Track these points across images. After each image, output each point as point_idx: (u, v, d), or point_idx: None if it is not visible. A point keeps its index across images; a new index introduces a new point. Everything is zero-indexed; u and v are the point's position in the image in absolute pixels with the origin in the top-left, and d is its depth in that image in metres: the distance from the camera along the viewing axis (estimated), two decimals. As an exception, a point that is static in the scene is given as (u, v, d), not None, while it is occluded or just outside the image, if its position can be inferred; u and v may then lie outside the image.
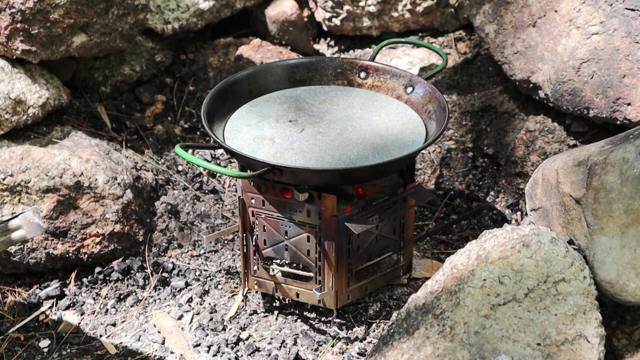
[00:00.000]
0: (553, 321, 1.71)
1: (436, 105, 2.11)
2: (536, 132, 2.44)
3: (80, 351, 2.11)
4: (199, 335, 2.11)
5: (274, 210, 2.04)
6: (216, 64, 2.73)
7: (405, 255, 2.17)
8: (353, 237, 2.04)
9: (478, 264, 1.78)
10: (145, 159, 2.52)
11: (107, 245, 2.24)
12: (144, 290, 2.25)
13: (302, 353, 2.06)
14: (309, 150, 2.01)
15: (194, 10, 2.73)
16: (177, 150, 1.92)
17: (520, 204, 2.44)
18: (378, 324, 2.13)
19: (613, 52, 2.21)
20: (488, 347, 1.69)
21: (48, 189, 2.19)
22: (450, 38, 2.77)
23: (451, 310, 1.73)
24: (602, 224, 1.78)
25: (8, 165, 2.20)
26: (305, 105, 2.16)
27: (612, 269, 1.74)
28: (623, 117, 2.22)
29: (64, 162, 2.23)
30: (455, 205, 2.48)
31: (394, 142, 2.04)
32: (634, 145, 1.79)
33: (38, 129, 2.42)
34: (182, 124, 2.65)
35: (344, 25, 2.82)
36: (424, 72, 2.67)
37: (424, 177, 2.54)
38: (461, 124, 2.60)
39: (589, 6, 2.26)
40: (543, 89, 2.38)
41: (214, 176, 2.55)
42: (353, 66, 2.25)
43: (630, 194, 1.75)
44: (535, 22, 2.38)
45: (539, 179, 2.02)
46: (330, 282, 2.05)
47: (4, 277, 2.27)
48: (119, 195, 2.24)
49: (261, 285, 2.14)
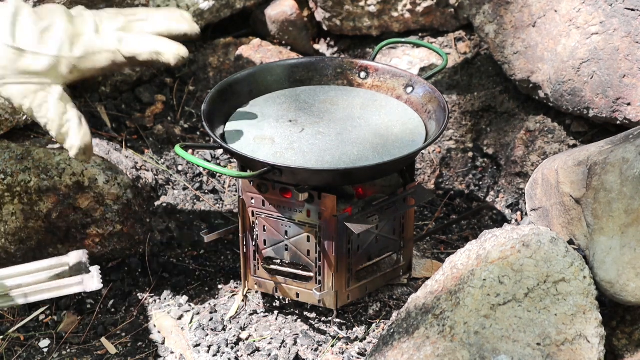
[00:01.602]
0: (553, 321, 1.71)
1: (436, 105, 2.11)
2: (536, 132, 2.44)
3: (80, 351, 2.11)
4: (199, 335, 2.11)
5: (274, 210, 2.04)
6: (216, 64, 2.73)
7: (405, 255, 2.17)
8: (353, 237, 2.04)
9: (478, 264, 1.78)
10: (145, 159, 2.52)
11: (107, 245, 2.24)
12: (144, 290, 2.25)
13: (302, 353, 2.07)
14: (309, 150, 2.01)
15: (194, 10, 2.73)
16: (177, 151, 1.92)
17: (520, 204, 2.44)
18: (378, 324, 2.13)
19: (613, 52, 2.21)
20: (488, 347, 1.69)
21: (48, 189, 2.19)
22: (450, 38, 2.77)
23: (451, 310, 1.73)
24: (602, 224, 1.78)
25: (8, 165, 2.20)
26: (305, 105, 2.16)
27: (612, 269, 1.74)
28: (623, 117, 2.22)
29: (64, 162, 2.23)
30: (455, 205, 2.48)
31: (394, 142, 2.05)
32: (634, 145, 1.79)
33: (38, 129, 2.42)
34: (182, 124, 2.65)
35: (344, 25, 2.82)
36: (424, 72, 2.67)
37: (424, 177, 2.54)
38: (461, 124, 2.60)
39: (589, 6, 2.26)
40: (543, 89, 2.38)
41: (214, 176, 2.55)
42: (353, 66, 2.25)
43: (630, 194, 1.75)
44: (535, 22, 2.38)
45: (539, 179, 2.02)
46: (330, 282, 2.05)
47: (4, 277, 2.27)
48: (119, 195, 2.24)
49: (261, 285, 2.14)
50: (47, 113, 1.88)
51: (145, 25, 1.94)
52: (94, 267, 2.03)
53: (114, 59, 1.90)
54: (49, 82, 1.86)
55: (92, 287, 2.01)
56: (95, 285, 2.00)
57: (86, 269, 2.05)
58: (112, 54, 1.90)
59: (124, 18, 1.94)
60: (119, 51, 1.89)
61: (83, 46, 1.88)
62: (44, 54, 1.85)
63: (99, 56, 1.90)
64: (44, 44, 1.85)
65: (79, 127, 1.90)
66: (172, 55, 1.92)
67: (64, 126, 1.89)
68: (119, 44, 1.90)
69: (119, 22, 1.93)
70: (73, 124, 1.90)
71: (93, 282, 2.01)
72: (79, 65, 1.88)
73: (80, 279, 2.02)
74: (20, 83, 1.85)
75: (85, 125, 1.92)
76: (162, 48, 1.91)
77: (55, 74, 1.86)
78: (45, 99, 1.87)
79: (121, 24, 1.93)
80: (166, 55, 1.92)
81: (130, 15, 1.95)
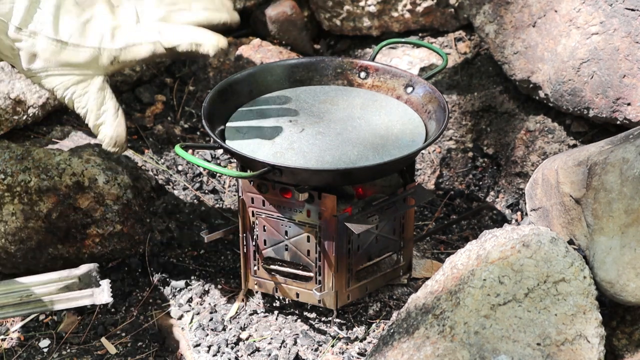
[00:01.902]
0: (553, 321, 1.71)
1: (436, 105, 2.11)
2: (536, 132, 2.44)
3: (80, 351, 2.11)
4: (199, 335, 2.11)
5: (274, 210, 2.04)
6: (216, 64, 2.73)
7: (405, 255, 2.17)
8: (353, 237, 2.04)
9: (478, 264, 1.78)
10: (145, 159, 2.52)
11: (107, 245, 2.24)
12: (144, 290, 2.25)
13: (302, 353, 2.07)
14: (309, 150, 2.01)
15: (194, 10, 2.73)
16: (177, 151, 1.92)
17: (520, 204, 2.44)
18: (378, 324, 2.13)
19: (613, 52, 2.21)
20: (488, 347, 1.69)
21: (48, 189, 2.19)
22: (450, 38, 2.77)
23: (451, 310, 1.73)
24: (602, 224, 1.78)
25: (8, 165, 2.20)
26: (305, 105, 2.16)
27: (612, 269, 1.74)
28: (623, 117, 2.22)
29: (64, 162, 2.23)
30: (455, 205, 2.48)
31: (394, 142, 2.05)
32: (634, 145, 1.79)
33: (38, 129, 2.42)
34: (182, 124, 2.65)
35: (344, 25, 2.82)
36: (424, 72, 2.67)
37: (424, 177, 2.54)
38: (461, 124, 2.60)
39: (589, 6, 2.26)
40: (543, 89, 2.38)
41: (214, 176, 2.55)
42: (353, 66, 2.25)
43: (630, 194, 1.75)
44: (535, 22, 2.38)
45: (539, 179, 2.02)
46: (330, 282, 2.05)
47: (4, 277, 2.27)
48: (119, 195, 2.24)
49: (261, 285, 2.14)
50: (87, 104, 1.90)
51: (186, 15, 1.96)
52: (104, 281, 2.04)
53: (154, 50, 1.91)
54: (90, 74, 1.89)
55: (101, 301, 2.02)
56: (105, 298, 2.02)
57: (96, 282, 2.06)
58: (153, 45, 1.91)
59: (165, 8, 1.95)
60: (160, 42, 1.91)
61: (124, 38, 1.90)
62: (86, 46, 1.87)
63: (140, 47, 1.91)
64: (85, 37, 1.87)
65: (114, 118, 1.92)
66: (211, 46, 1.93)
67: (100, 117, 1.92)
68: (159, 36, 1.91)
69: (159, 12, 1.95)
70: (109, 114, 1.92)
71: (103, 295, 2.02)
72: (119, 56, 1.90)
73: (90, 291, 2.03)
74: (63, 75, 1.88)
75: (122, 117, 1.93)
76: (202, 39, 1.93)
77: (96, 66, 1.89)
78: (85, 89, 1.90)
79: (162, 14, 1.94)
80: (205, 46, 1.93)
81: (170, 4, 1.96)
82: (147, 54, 1.92)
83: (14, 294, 2.04)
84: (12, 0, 1.82)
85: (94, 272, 2.07)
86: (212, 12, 1.97)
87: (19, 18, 1.83)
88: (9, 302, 2.03)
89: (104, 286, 2.04)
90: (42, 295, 2.04)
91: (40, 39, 1.85)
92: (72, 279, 2.06)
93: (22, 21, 1.84)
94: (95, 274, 2.07)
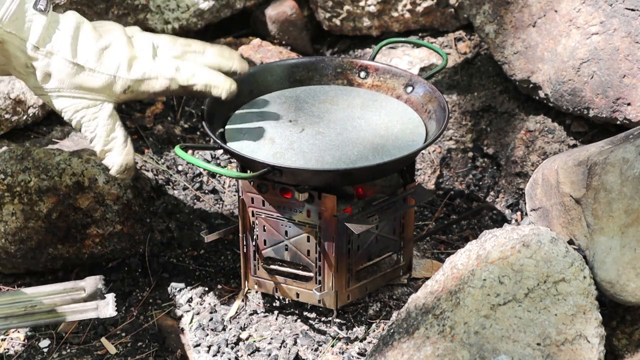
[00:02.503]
0: (553, 321, 1.71)
1: (436, 105, 2.11)
2: (536, 132, 2.44)
3: (80, 351, 2.11)
4: (199, 335, 2.11)
5: (274, 210, 2.04)
6: (216, 64, 2.73)
7: (405, 255, 2.17)
8: (353, 237, 2.04)
9: (478, 264, 1.78)
10: (145, 159, 2.52)
11: (107, 245, 2.24)
12: (144, 290, 2.25)
13: (302, 353, 2.07)
14: (309, 150, 2.01)
15: (194, 10, 2.73)
16: (177, 151, 1.92)
17: (520, 204, 2.44)
18: (378, 324, 2.13)
19: (613, 52, 2.21)
20: (488, 347, 1.69)
21: (48, 189, 2.19)
22: (450, 38, 2.77)
23: (451, 310, 1.73)
24: (602, 224, 1.78)
25: (8, 165, 2.20)
26: (305, 105, 2.16)
27: (612, 269, 1.74)
28: (623, 117, 2.22)
29: (64, 162, 2.23)
30: (455, 205, 2.48)
31: (394, 142, 2.04)
32: (634, 145, 1.79)
33: (38, 129, 2.42)
34: (182, 124, 2.65)
35: (344, 25, 2.82)
36: (424, 72, 2.67)
37: (424, 177, 2.54)
38: (461, 124, 2.60)
39: (589, 6, 2.26)
40: (543, 89, 2.38)
41: (214, 176, 2.55)
42: (353, 66, 2.25)
43: (630, 194, 1.75)
44: (535, 22, 2.38)
45: (539, 179, 2.02)
46: (330, 282, 2.05)
47: (4, 277, 2.27)
48: (119, 195, 2.24)
49: (261, 285, 2.14)
50: (96, 129, 1.92)
51: (199, 57, 1.98)
52: (110, 294, 2.05)
53: (169, 85, 1.94)
54: (101, 99, 1.91)
55: (106, 314, 2.02)
56: (109, 312, 2.02)
57: (101, 294, 2.07)
58: (169, 81, 1.93)
59: (181, 48, 1.98)
60: (176, 79, 1.93)
61: (141, 69, 1.92)
62: (102, 72, 1.89)
63: (155, 81, 1.93)
64: (102, 63, 1.89)
65: (123, 146, 1.95)
66: (224, 89, 1.97)
67: (109, 144, 1.94)
68: (175, 73, 1.94)
69: (176, 50, 1.97)
70: (118, 142, 1.94)
71: (108, 309, 2.03)
72: (133, 87, 1.92)
73: (95, 304, 2.04)
74: (74, 97, 1.90)
75: (130, 146, 1.96)
76: (217, 82, 1.96)
77: (109, 92, 1.90)
78: (95, 115, 1.91)
79: (177, 52, 1.97)
80: (219, 89, 1.96)
81: (185, 45, 1.99)
82: (161, 89, 1.94)
83: (19, 304, 2.04)
84: (30, 19, 1.83)
85: (100, 284, 2.07)
86: (223, 59, 2.00)
87: (36, 37, 1.84)
88: (13, 313, 2.03)
89: (109, 299, 2.04)
90: (46, 307, 2.03)
91: (56, 59, 1.86)
92: (77, 291, 2.06)
93: (40, 40, 1.85)
94: (100, 286, 2.07)
